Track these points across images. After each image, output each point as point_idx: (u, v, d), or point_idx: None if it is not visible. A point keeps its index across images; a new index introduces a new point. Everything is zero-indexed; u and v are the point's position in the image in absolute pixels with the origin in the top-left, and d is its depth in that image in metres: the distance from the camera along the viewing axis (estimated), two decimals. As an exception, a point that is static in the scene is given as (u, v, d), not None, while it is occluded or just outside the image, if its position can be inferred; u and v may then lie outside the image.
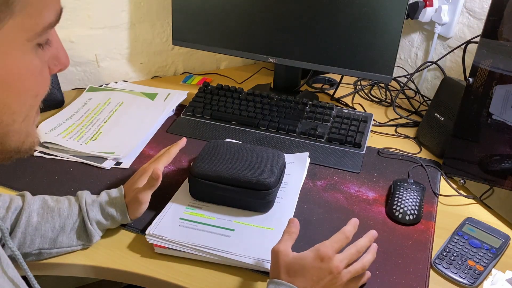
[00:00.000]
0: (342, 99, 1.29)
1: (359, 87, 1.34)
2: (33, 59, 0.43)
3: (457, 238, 0.80)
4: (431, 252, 0.78)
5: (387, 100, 1.29)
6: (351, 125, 1.08)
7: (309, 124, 1.10)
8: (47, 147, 0.99)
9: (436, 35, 1.24)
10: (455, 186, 0.95)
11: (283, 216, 0.81)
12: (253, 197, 0.80)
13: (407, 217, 0.83)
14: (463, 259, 0.76)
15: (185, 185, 0.87)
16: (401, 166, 1.00)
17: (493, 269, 0.75)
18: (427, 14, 1.21)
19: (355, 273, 0.65)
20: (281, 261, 0.64)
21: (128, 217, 0.76)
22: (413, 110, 1.23)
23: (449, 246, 0.78)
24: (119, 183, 0.81)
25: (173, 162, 0.84)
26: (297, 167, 0.93)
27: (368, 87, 1.35)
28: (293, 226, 0.69)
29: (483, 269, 0.74)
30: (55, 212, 0.73)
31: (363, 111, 1.15)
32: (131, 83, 1.32)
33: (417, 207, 0.85)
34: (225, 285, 0.71)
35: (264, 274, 0.72)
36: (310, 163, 0.97)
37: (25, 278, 0.57)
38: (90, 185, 0.90)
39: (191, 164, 0.90)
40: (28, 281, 0.58)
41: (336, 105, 1.16)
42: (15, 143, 0.45)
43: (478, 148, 0.89)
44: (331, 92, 1.31)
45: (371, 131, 1.12)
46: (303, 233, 0.80)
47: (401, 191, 0.88)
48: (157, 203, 0.81)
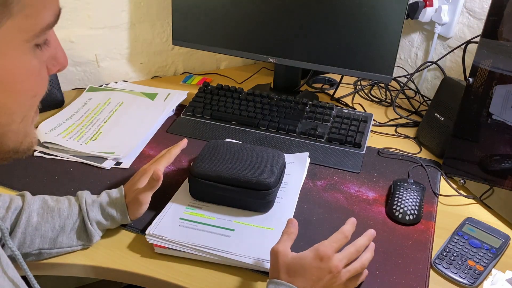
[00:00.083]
0: (342, 99, 1.29)
1: (359, 87, 1.34)
2: (31, 59, 0.43)
3: (457, 238, 0.80)
4: (431, 252, 0.78)
5: (387, 100, 1.29)
6: (351, 125, 1.08)
7: (309, 124, 1.10)
8: (47, 147, 0.99)
9: (436, 35, 1.24)
10: (455, 186, 0.95)
11: (283, 216, 0.81)
12: (253, 197, 0.80)
13: (407, 217, 0.83)
14: (463, 259, 0.76)
15: (185, 185, 0.87)
16: (401, 166, 1.00)
17: (493, 269, 0.75)
18: (427, 14, 1.21)
19: (355, 272, 0.65)
20: (280, 261, 0.64)
21: (128, 218, 0.76)
22: (413, 110, 1.23)
23: (449, 246, 0.78)
24: (119, 183, 0.81)
25: (173, 162, 0.84)
26: (297, 167, 0.93)
27: (368, 87, 1.35)
28: (292, 226, 0.69)
29: (483, 269, 0.74)
30: (55, 212, 0.73)
31: (363, 111, 1.15)
32: (131, 83, 1.32)
33: (417, 207, 0.85)
34: (225, 285, 0.71)
35: (264, 274, 0.72)
36: (310, 163, 0.97)
37: (25, 278, 0.57)
38: (90, 185, 0.90)
39: (191, 164, 0.90)
40: (28, 281, 0.58)
41: (336, 105, 1.16)
42: (13, 143, 0.45)
43: (478, 148, 0.89)
44: (331, 92, 1.31)
45: (371, 131, 1.12)
46: (303, 233, 0.80)
47: (401, 191, 0.88)
48: (157, 203, 0.81)
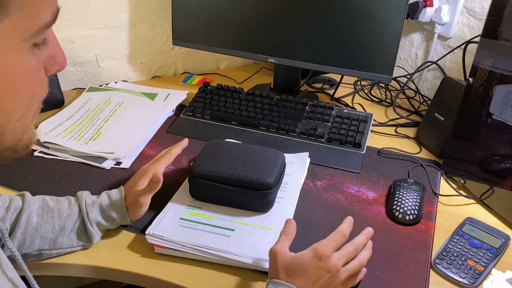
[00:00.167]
0: (342, 99, 1.29)
1: (359, 87, 1.34)
2: (29, 59, 0.43)
3: (457, 238, 0.80)
4: (431, 252, 0.78)
5: (387, 100, 1.29)
6: (351, 125, 1.08)
7: (309, 124, 1.10)
8: (47, 147, 0.99)
9: (436, 35, 1.24)
10: (455, 186, 0.95)
11: (283, 216, 0.81)
12: (253, 197, 0.80)
13: (407, 217, 0.83)
14: (463, 259, 0.76)
15: (185, 185, 0.87)
16: (401, 166, 1.00)
17: (493, 269, 0.75)
18: (427, 14, 1.21)
19: (353, 271, 0.65)
20: (279, 262, 0.64)
21: (128, 219, 0.76)
22: (413, 110, 1.23)
23: (449, 246, 0.78)
24: (119, 183, 0.81)
25: (173, 162, 0.84)
26: (297, 167, 0.93)
27: (368, 87, 1.35)
28: (290, 226, 0.69)
29: (483, 269, 0.74)
30: (55, 212, 0.73)
31: (363, 111, 1.15)
32: (131, 83, 1.32)
33: (417, 207, 0.85)
34: (225, 285, 0.71)
35: (264, 274, 0.72)
36: (310, 163, 0.97)
37: (24, 278, 0.57)
38: (90, 185, 0.90)
39: (191, 164, 0.90)
40: (27, 282, 0.58)
41: (336, 105, 1.16)
42: (10, 141, 0.45)
43: (478, 148, 0.89)
44: (331, 92, 1.31)
45: (371, 131, 1.12)
46: (303, 233, 0.80)
47: (401, 191, 0.88)
48: (157, 203, 0.81)
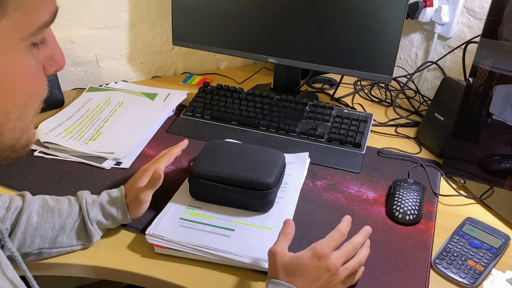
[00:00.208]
0: (342, 99, 1.29)
1: (359, 87, 1.34)
2: (27, 59, 0.42)
3: (457, 238, 0.80)
4: (431, 252, 0.78)
5: (387, 100, 1.29)
6: (351, 125, 1.08)
7: (309, 124, 1.10)
8: (47, 147, 0.99)
9: (436, 35, 1.24)
10: (455, 186, 0.95)
11: (283, 216, 0.81)
12: (253, 197, 0.80)
13: (407, 217, 0.83)
14: (463, 259, 0.76)
15: (185, 185, 0.87)
16: (401, 166, 1.00)
17: (493, 269, 0.75)
18: (427, 14, 1.21)
19: (352, 269, 0.66)
20: (278, 262, 0.64)
21: (128, 217, 0.76)
22: (413, 110, 1.23)
23: (449, 246, 0.78)
24: (119, 183, 0.81)
25: (173, 162, 0.84)
26: (297, 167, 0.93)
27: (368, 87, 1.35)
28: (288, 227, 0.69)
29: (483, 269, 0.74)
30: (55, 212, 0.73)
31: (363, 111, 1.15)
32: (131, 83, 1.32)
33: (417, 207, 0.85)
34: (225, 285, 0.71)
35: (264, 274, 0.72)
36: (310, 163, 0.97)
37: (24, 278, 0.57)
38: (90, 185, 0.90)
39: (191, 164, 0.90)
40: (27, 282, 0.58)
41: (336, 105, 1.16)
42: (9, 140, 0.45)
43: (478, 148, 0.89)
44: (331, 92, 1.31)
45: (371, 131, 1.12)
46: (303, 233, 0.80)
47: (401, 191, 0.88)
48: (157, 203, 0.81)
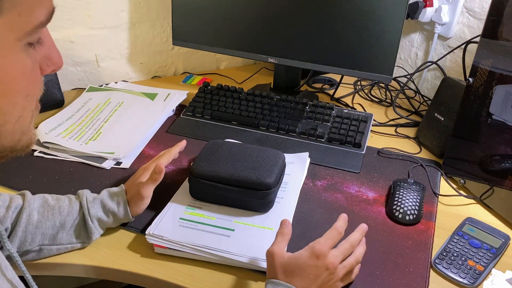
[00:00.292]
0: (342, 99, 1.29)
1: (359, 87, 1.34)
2: (23, 58, 0.42)
3: (457, 238, 0.80)
4: (431, 252, 0.78)
5: (387, 100, 1.29)
6: (351, 125, 1.08)
7: (309, 124, 1.10)
8: (47, 147, 0.99)
9: (436, 35, 1.24)
10: (455, 186, 0.95)
11: (283, 216, 0.80)
12: (253, 197, 0.80)
13: (407, 217, 0.83)
14: (463, 259, 0.76)
15: (185, 185, 0.87)
16: (401, 166, 1.00)
17: (493, 269, 0.75)
18: (427, 14, 1.21)
19: (350, 267, 0.66)
20: (276, 263, 0.64)
21: (129, 213, 0.76)
22: (413, 110, 1.23)
23: (449, 246, 0.78)
24: (119, 183, 0.81)
25: (173, 162, 0.84)
26: (297, 167, 0.93)
27: (368, 87, 1.35)
28: (285, 227, 0.69)
29: (483, 269, 0.74)
30: (56, 210, 0.73)
31: (363, 111, 1.15)
32: (131, 83, 1.32)
33: (417, 207, 0.85)
34: (225, 285, 0.71)
35: (264, 274, 0.72)
36: (310, 163, 0.97)
37: (23, 279, 0.57)
38: (90, 185, 0.90)
39: (191, 164, 0.90)
40: (26, 282, 0.58)
41: (336, 105, 1.16)
42: (9, 142, 0.45)
43: (478, 148, 0.89)
44: (331, 92, 1.31)
45: (371, 131, 1.12)
46: (303, 233, 0.80)
47: (401, 191, 0.88)
48: (157, 203, 0.81)
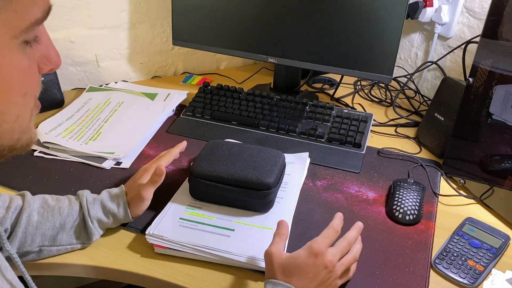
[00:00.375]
0: (342, 99, 1.29)
1: (359, 87, 1.34)
2: (20, 57, 0.42)
3: (457, 238, 0.80)
4: (431, 252, 0.78)
5: (387, 100, 1.29)
6: (351, 125, 1.08)
7: (309, 124, 1.10)
8: (47, 147, 0.99)
9: (436, 35, 1.24)
10: (455, 186, 0.95)
11: (283, 216, 0.80)
12: (253, 197, 0.80)
13: (407, 217, 0.83)
14: (463, 259, 0.76)
15: (185, 185, 0.87)
16: (401, 166, 1.00)
17: (493, 269, 0.75)
18: (427, 14, 1.21)
19: (348, 264, 0.66)
20: (275, 263, 0.64)
21: (129, 214, 0.76)
22: (413, 110, 1.23)
23: (449, 246, 0.78)
24: (119, 183, 0.81)
25: (173, 162, 0.84)
26: (297, 167, 0.93)
27: (368, 87, 1.35)
28: (283, 227, 0.69)
29: (483, 269, 0.74)
30: (56, 210, 0.73)
31: (363, 111, 1.15)
32: (131, 83, 1.32)
33: (417, 207, 0.85)
34: (225, 285, 0.71)
35: (264, 274, 0.72)
36: (310, 163, 0.97)
37: (23, 280, 0.57)
38: (90, 185, 0.90)
39: (191, 164, 0.90)
40: (26, 283, 0.58)
41: (336, 105, 1.16)
42: (8, 141, 0.44)
43: (478, 148, 0.89)
44: (331, 92, 1.31)
45: (371, 131, 1.12)
46: (303, 233, 0.80)
47: (401, 191, 0.88)
48: (157, 203, 0.81)
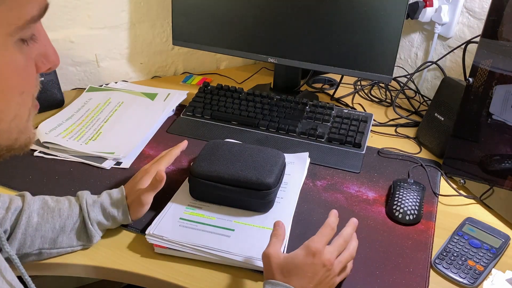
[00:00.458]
0: (342, 99, 1.29)
1: (359, 87, 1.34)
2: (16, 55, 0.41)
3: (457, 238, 0.80)
4: (431, 252, 0.78)
5: (387, 100, 1.29)
6: (351, 125, 1.08)
7: (309, 124, 1.10)
8: (47, 147, 0.99)
9: (436, 35, 1.24)
10: (455, 186, 0.95)
11: (283, 216, 0.81)
12: (253, 197, 0.80)
13: (407, 217, 0.83)
14: (463, 259, 0.76)
15: (185, 185, 0.87)
16: (401, 166, 1.00)
17: (493, 269, 0.75)
18: (427, 14, 1.21)
19: (345, 262, 0.67)
20: (273, 264, 0.64)
21: (129, 218, 0.76)
22: (413, 110, 1.23)
23: (449, 246, 0.78)
24: (119, 183, 0.81)
25: (173, 162, 0.84)
26: (297, 167, 0.93)
27: (368, 87, 1.35)
28: (279, 228, 0.69)
29: (483, 269, 0.74)
30: (55, 212, 0.73)
31: (363, 111, 1.15)
32: (131, 83, 1.32)
33: (417, 207, 0.85)
34: (225, 285, 0.71)
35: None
36: (310, 163, 0.97)
37: (23, 280, 0.57)
38: (90, 185, 0.90)
39: (191, 164, 0.90)
40: (26, 284, 0.57)
41: (336, 105, 1.16)
42: (5, 141, 0.44)
43: (478, 148, 0.89)
44: (331, 92, 1.31)
45: (371, 131, 1.12)
46: (303, 233, 0.80)
47: (401, 191, 0.88)
48: (157, 203, 0.81)
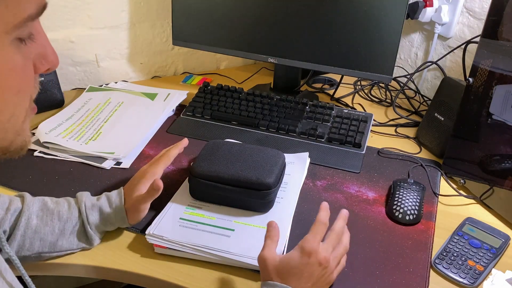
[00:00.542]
0: (342, 99, 1.29)
1: (359, 87, 1.34)
2: (13, 53, 0.41)
3: (457, 238, 0.80)
4: (431, 252, 0.78)
5: (387, 100, 1.29)
6: (351, 125, 1.08)
7: (309, 124, 1.10)
8: (47, 147, 0.99)
9: (436, 35, 1.24)
10: (455, 186, 0.95)
11: (283, 216, 0.81)
12: (253, 197, 0.80)
13: (407, 217, 0.83)
14: (463, 259, 0.76)
15: (185, 185, 0.87)
16: (401, 166, 1.00)
17: (493, 269, 0.75)
18: (427, 14, 1.21)
19: (340, 257, 0.67)
20: (270, 267, 0.63)
21: (127, 222, 0.76)
22: (413, 110, 1.23)
23: (449, 246, 0.78)
24: (119, 183, 0.81)
25: (173, 162, 0.84)
26: (297, 167, 0.93)
27: (368, 87, 1.35)
28: (273, 229, 0.68)
29: (483, 269, 0.74)
30: (55, 215, 0.72)
31: (363, 111, 1.15)
32: (131, 83, 1.32)
33: (417, 207, 0.85)
34: (225, 285, 0.71)
35: (264, 274, 0.72)
36: (310, 163, 0.97)
37: (23, 281, 0.57)
38: (90, 185, 0.90)
39: (191, 164, 0.90)
40: (26, 285, 0.57)
41: (336, 105, 1.16)
42: (1, 142, 0.44)
43: (478, 148, 0.89)
44: (331, 92, 1.31)
45: (371, 131, 1.12)
46: (303, 233, 0.79)
47: (401, 191, 0.88)
48: (157, 203, 0.81)
